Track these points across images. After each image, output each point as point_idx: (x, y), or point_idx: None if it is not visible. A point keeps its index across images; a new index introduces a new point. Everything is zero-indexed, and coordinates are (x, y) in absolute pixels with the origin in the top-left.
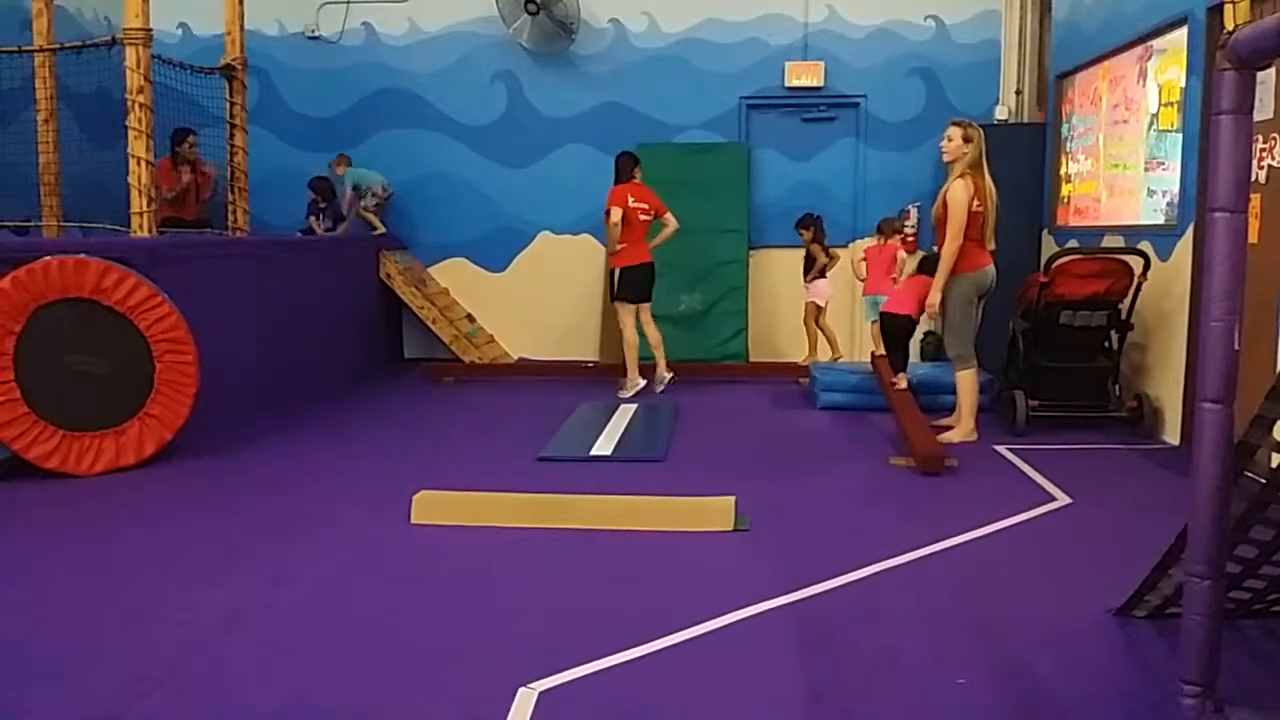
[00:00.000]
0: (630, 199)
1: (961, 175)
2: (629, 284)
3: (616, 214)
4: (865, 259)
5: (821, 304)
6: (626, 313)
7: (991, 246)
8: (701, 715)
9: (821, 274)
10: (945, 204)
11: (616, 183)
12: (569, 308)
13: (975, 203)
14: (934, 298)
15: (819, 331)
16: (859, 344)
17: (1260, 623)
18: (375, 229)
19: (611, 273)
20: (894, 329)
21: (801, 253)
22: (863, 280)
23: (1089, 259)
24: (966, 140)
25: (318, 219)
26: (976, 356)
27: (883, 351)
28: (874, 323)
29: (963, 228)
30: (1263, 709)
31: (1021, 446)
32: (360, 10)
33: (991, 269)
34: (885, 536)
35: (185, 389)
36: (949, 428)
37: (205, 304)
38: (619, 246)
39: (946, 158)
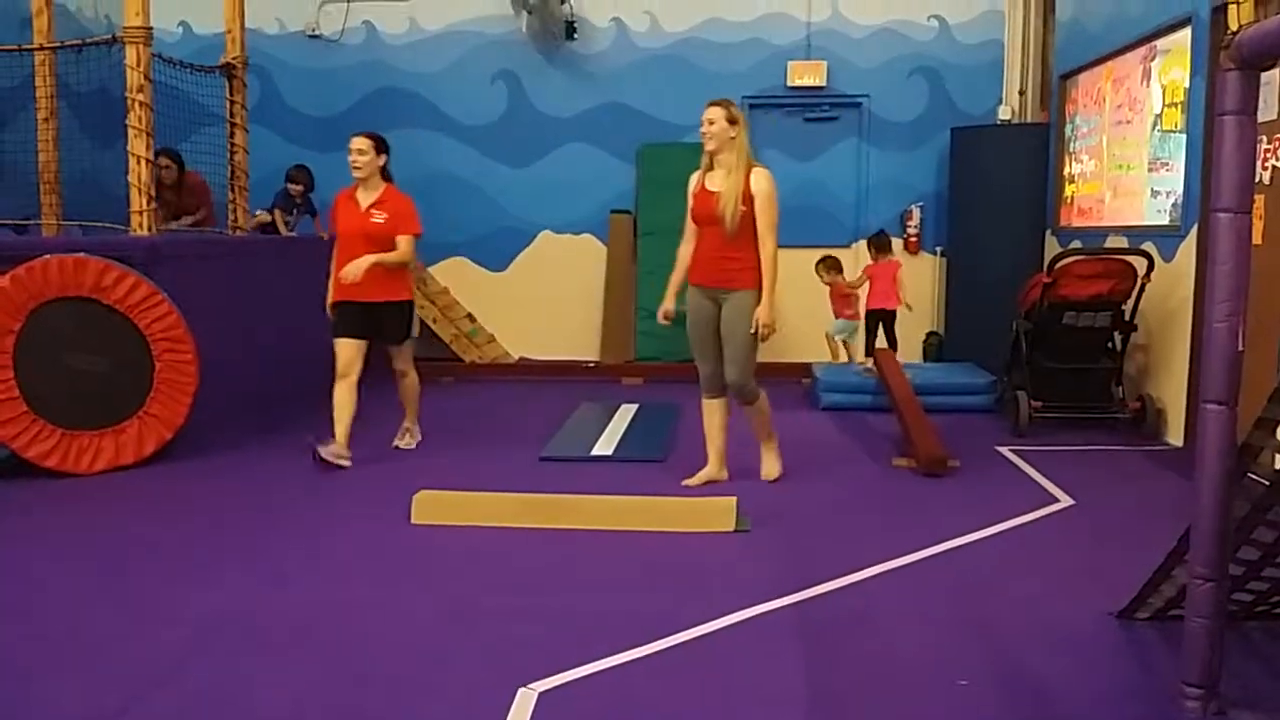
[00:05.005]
0: None
1: (752, 163)
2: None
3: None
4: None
5: None
6: (411, 351)
7: None
8: (702, 716)
9: None
10: (750, 197)
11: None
12: (570, 307)
13: None
14: (769, 315)
15: None
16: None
17: (1263, 625)
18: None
19: (406, 306)
20: (885, 322)
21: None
22: (858, 292)
23: (1092, 260)
24: (731, 121)
25: (289, 214)
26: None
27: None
28: (845, 340)
29: (775, 224)
30: (1265, 712)
31: (1024, 447)
32: (361, 9)
33: None
34: (887, 538)
35: (185, 388)
36: (711, 484)
37: (205, 303)
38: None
39: (711, 145)
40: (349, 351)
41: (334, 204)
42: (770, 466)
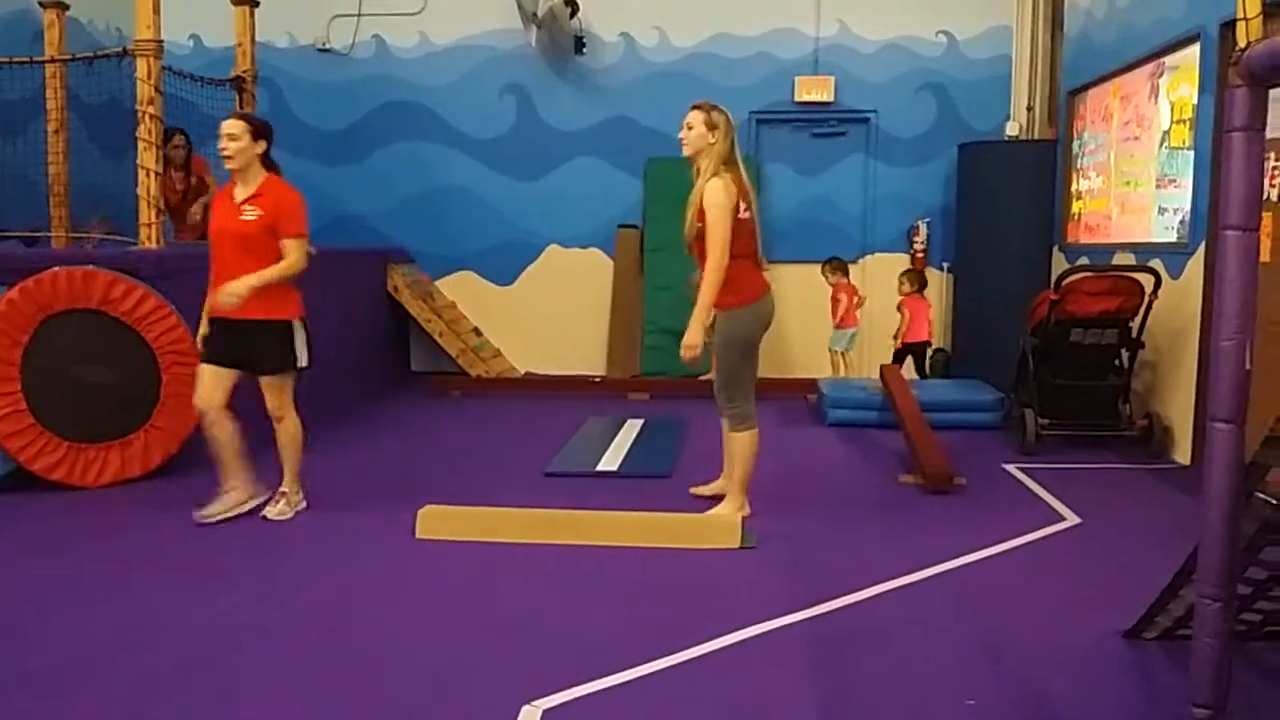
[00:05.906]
0: None
1: (716, 173)
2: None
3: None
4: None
5: None
6: (291, 388)
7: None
8: None
9: None
10: (702, 210)
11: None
12: (577, 322)
13: (742, 207)
14: (694, 338)
15: None
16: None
17: (1271, 645)
18: None
19: (284, 327)
20: (917, 355)
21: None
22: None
23: (1100, 276)
24: (711, 127)
25: None
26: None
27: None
28: (844, 352)
29: (728, 240)
30: None
31: (1031, 465)
32: (371, 23)
33: (771, 297)
34: (893, 555)
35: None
36: (717, 498)
37: None
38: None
39: (688, 150)
40: (207, 380)
41: (212, 201)
42: (720, 505)
